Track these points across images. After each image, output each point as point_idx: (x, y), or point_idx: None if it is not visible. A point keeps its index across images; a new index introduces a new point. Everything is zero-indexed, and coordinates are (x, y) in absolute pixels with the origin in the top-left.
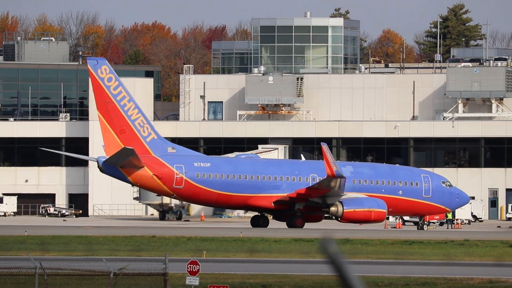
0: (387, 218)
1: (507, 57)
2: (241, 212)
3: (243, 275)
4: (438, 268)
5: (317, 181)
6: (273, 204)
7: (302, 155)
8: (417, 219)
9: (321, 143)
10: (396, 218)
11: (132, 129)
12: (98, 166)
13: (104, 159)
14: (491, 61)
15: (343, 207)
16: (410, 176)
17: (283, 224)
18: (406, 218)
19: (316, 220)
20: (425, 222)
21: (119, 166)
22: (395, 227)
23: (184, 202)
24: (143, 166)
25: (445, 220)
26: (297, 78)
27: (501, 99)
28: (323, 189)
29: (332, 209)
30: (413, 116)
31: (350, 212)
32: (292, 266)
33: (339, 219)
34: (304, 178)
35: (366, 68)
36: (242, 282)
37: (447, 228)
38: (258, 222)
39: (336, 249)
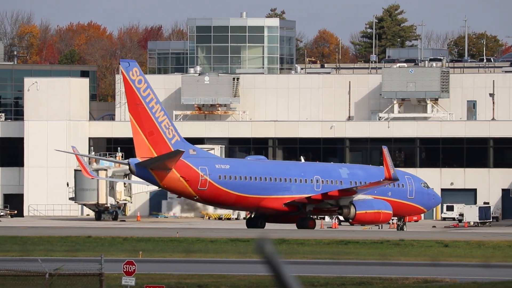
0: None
1: (442, 58)
2: (177, 212)
3: (179, 275)
4: (374, 268)
5: (321, 183)
6: (284, 206)
7: (302, 157)
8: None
9: (382, 146)
10: (333, 218)
11: (160, 131)
12: (130, 168)
13: (136, 161)
14: (426, 62)
15: (355, 209)
16: None
17: (274, 226)
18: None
19: (294, 221)
20: (405, 223)
21: (150, 168)
22: (331, 227)
23: (120, 202)
24: (171, 168)
25: None
26: (233, 78)
27: (436, 99)
28: (352, 191)
29: (345, 211)
30: (349, 116)
31: (362, 214)
32: (229, 266)
33: (350, 220)
34: (309, 180)
35: (302, 69)
36: (178, 282)
37: (380, 228)
38: (256, 223)
39: (272, 249)
